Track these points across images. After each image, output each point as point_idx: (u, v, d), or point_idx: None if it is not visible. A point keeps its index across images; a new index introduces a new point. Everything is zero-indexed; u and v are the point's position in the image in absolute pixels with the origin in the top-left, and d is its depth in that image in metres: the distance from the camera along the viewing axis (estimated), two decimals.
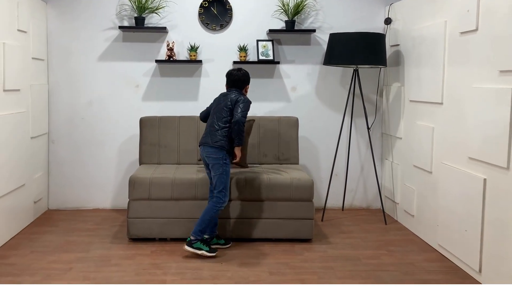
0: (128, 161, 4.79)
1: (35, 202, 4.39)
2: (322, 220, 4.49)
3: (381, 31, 4.72)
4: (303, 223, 3.89)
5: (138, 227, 3.85)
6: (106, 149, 4.79)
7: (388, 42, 4.69)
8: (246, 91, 3.78)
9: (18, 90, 4.00)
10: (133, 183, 3.86)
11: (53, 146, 4.75)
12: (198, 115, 4.60)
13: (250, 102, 3.67)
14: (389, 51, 4.69)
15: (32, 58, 4.31)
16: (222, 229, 3.87)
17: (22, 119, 4.09)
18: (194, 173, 4.01)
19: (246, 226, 3.90)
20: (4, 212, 3.75)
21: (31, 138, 4.29)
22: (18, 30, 4.01)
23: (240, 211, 3.89)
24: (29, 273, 3.23)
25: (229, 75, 3.75)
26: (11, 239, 3.87)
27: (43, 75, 4.61)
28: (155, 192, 3.85)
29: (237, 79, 3.70)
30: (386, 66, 4.45)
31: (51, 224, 4.28)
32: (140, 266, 3.37)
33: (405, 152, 4.39)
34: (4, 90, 3.74)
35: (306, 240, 3.91)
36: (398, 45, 4.54)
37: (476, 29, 3.25)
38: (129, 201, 3.87)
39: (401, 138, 4.46)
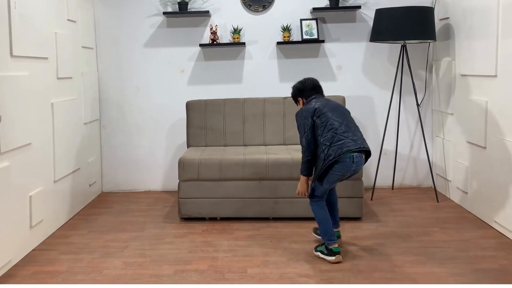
0: (176, 144, 4.89)
1: (90, 185, 4.57)
2: (371, 199, 4.44)
3: (429, 5, 4.57)
4: (352, 201, 3.86)
5: (188, 207, 3.94)
6: (154, 133, 4.90)
7: (437, 15, 4.54)
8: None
9: (71, 78, 4.15)
10: (183, 164, 3.94)
11: (105, 131, 4.91)
12: (242, 97, 4.66)
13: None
14: (438, 24, 4.54)
15: (82, 46, 4.44)
16: (272, 209, 3.90)
17: (75, 106, 4.24)
18: (241, 154, 4.04)
19: (296, 205, 3.90)
20: (62, 194, 3.93)
21: (84, 124, 4.45)
22: (68, 20, 4.14)
23: (290, 190, 3.89)
24: (88, 251, 3.38)
25: (310, 83, 3.33)
26: (69, 220, 4.05)
27: (92, 63, 4.75)
28: (204, 173, 3.92)
29: (319, 85, 3.35)
30: (435, 40, 4.31)
31: (105, 206, 4.45)
32: (193, 244, 3.45)
33: (457, 128, 4.26)
34: (58, 78, 3.89)
35: (356, 219, 3.88)
36: (448, 18, 4.38)
37: None
38: (179, 182, 3.96)
39: (452, 114, 4.33)
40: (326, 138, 3.04)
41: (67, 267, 3.12)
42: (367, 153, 3.15)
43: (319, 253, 3.17)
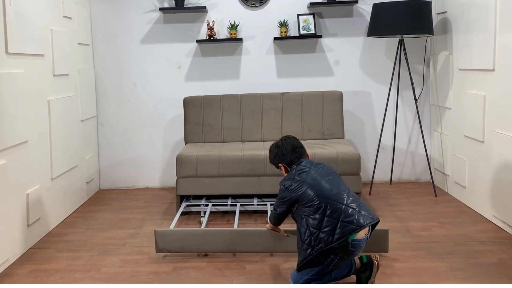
0: (174, 141, 4.87)
1: (87, 183, 4.55)
2: (369, 194, 4.44)
3: None
4: None
5: (167, 240, 3.16)
6: (152, 129, 4.88)
7: (435, 9, 4.53)
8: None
9: (67, 75, 4.12)
10: (180, 161, 3.93)
11: (102, 128, 4.89)
12: (240, 93, 4.64)
13: None
14: (435, 19, 4.53)
15: (78, 43, 4.42)
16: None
17: (72, 103, 4.22)
18: (239, 150, 4.03)
19: None
20: (59, 192, 3.91)
21: (81, 121, 4.43)
22: (64, 16, 4.11)
23: None
24: (86, 248, 3.37)
25: (289, 144, 2.83)
26: (67, 217, 4.03)
27: (89, 59, 4.72)
28: (202, 170, 3.91)
29: (300, 145, 2.88)
30: (433, 34, 4.30)
31: (103, 203, 4.44)
32: None
33: (454, 122, 4.25)
34: (54, 75, 3.87)
35: None
36: (445, 12, 4.37)
37: None
38: (177, 179, 3.95)
39: (450, 108, 4.32)
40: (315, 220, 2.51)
41: (65, 265, 3.11)
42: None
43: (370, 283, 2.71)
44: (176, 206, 3.98)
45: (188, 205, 3.95)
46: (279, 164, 2.84)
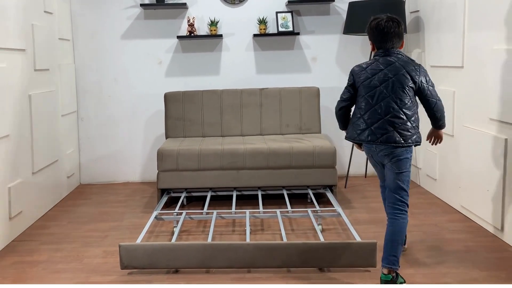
0: (155, 136, 4.94)
1: (68, 177, 4.59)
2: (345, 187, 4.59)
3: None
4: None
5: (132, 255, 2.88)
6: (132, 124, 4.94)
7: (408, 8, 4.68)
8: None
9: (48, 69, 4.16)
10: (161, 155, 4.00)
11: (82, 124, 4.92)
12: (220, 88, 4.72)
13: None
14: (408, 17, 4.69)
15: (59, 38, 4.44)
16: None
17: (53, 98, 4.25)
18: (219, 144, 4.12)
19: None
20: (40, 186, 3.94)
21: (62, 116, 4.46)
22: (45, 11, 4.14)
23: (264, 179, 4.00)
24: (69, 241, 3.43)
25: (382, 31, 2.62)
26: (48, 211, 4.07)
27: (69, 55, 4.75)
28: (182, 163, 3.99)
29: (395, 32, 2.62)
30: (406, 32, 4.46)
31: (84, 197, 4.48)
32: (172, 232, 3.52)
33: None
34: (35, 70, 3.90)
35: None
36: (418, 11, 4.53)
37: None
38: (158, 173, 4.02)
39: None
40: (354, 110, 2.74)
41: (47, 256, 3.17)
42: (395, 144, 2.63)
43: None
44: (157, 200, 4.05)
45: (160, 214, 3.62)
46: (370, 42, 2.76)
